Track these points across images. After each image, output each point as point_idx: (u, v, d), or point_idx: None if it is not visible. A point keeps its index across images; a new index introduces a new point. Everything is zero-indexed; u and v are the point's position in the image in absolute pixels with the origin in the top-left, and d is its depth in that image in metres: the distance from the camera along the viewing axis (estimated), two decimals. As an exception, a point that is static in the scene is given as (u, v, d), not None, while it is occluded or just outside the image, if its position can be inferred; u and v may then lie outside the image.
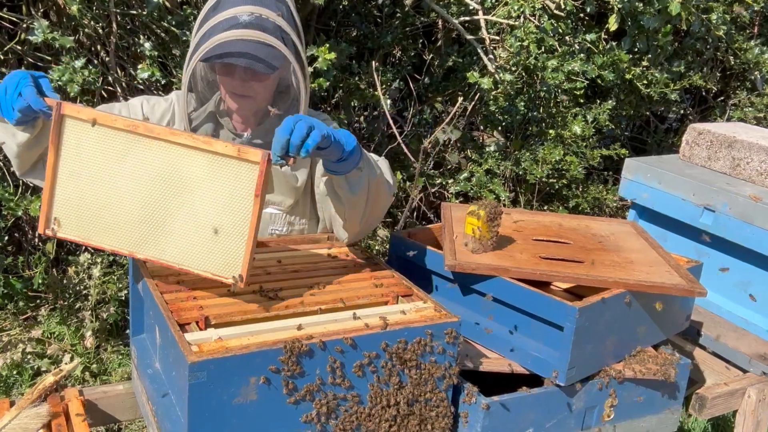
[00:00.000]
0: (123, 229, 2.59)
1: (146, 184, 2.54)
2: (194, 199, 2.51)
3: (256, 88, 3.13)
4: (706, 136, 4.27)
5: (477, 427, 2.69)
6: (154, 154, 2.51)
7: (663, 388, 3.09)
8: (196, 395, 2.20)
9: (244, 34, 2.90)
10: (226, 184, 2.46)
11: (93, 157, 2.56)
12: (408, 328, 2.49)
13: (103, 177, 2.57)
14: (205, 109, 3.28)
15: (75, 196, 2.61)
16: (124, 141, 2.52)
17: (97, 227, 2.62)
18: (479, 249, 3.03)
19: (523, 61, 5.95)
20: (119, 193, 2.56)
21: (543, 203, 7.06)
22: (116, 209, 2.58)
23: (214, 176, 2.46)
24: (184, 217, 2.53)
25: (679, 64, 7.08)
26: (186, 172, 2.49)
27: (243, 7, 2.94)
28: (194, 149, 2.47)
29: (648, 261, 3.19)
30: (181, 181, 2.50)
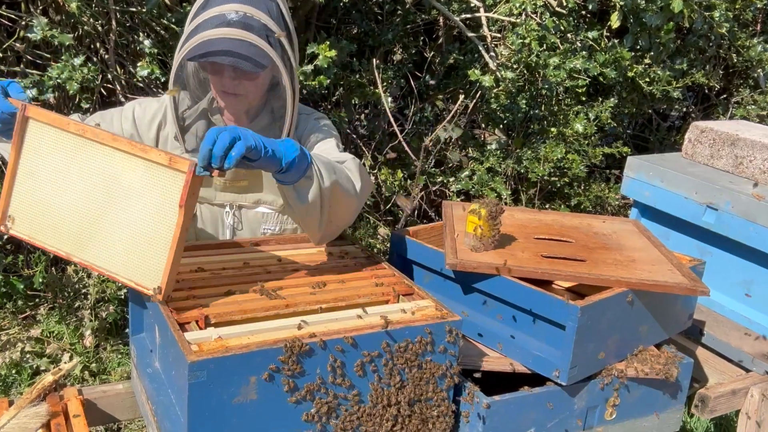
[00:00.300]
0: (65, 231, 2.61)
1: (89, 188, 2.54)
2: (129, 206, 2.49)
3: (246, 87, 3.13)
4: (708, 134, 4.27)
5: (478, 427, 2.69)
6: (98, 159, 2.51)
7: (665, 388, 3.09)
8: (195, 395, 2.20)
9: (227, 33, 2.90)
10: (157, 193, 2.43)
11: (48, 158, 2.59)
12: (409, 327, 2.50)
13: (55, 179, 2.59)
14: (198, 107, 3.28)
15: (29, 196, 2.64)
16: (75, 145, 2.53)
17: (44, 227, 2.64)
18: (480, 248, 3.03)
19: (524, 58, 5.95)
20: (66, 195, 2.58)
21: (545, 202, 7.05)
22: (62, 211, 2.60)
23: (148, 184, 2.44)
24: (118, 223, 2.52)
25: (682, 62, 7.08)
26: (124, 178, 2.48)
27: (230, 5, 2.94)
28: (133, 156, 2.45)
29: (650, 259, 3.19)
30: (119, 187, 2.49)
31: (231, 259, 2.99)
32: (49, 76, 4.75)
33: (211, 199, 3.33)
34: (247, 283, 2.78)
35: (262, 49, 2.93)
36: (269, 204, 3.35)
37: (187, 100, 3.29)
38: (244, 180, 3.29)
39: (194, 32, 2.95)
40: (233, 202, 3.34)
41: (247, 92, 3.14)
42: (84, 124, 2.52)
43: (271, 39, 2.98)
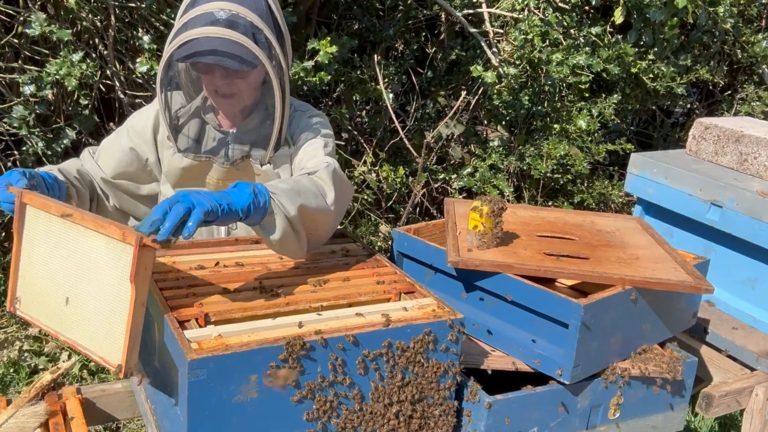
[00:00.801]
0: (54, 311, 2.62)
1: (68, 267, 2.53)
2: (96, 282, 2.45)
3: (239, 86, 3.11)
4: (713, 131, 4.26)
5: (480, 426, 2.69)
6: (73, 238, 2.51)
7: (669, 387, 3.09)
8: (195, 393, 2.19)
9: (213, 32, 2.89)
10: (115, 268, 2.38)
11: (41, 242, 2.61)
12: (411, 325, 2.49)
13: (45, 261, 2.61)
14: (191, 106, 3.28)
15: (29, 279, 2.68)
16: (58, 227, 2.54)
17: (40, 308, 2.66)
18: (483, 245, 3.03)
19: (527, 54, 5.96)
20: (53, 276, 2.59)
21: (547, 199, 7.06)
22: (50, 291, 2.61)
23: (109, 259, 2.40)
24: (88, 300, 2.49)
25: (686, 58, 7.08)
26: (92, 254, 2.46)
27: (218, 3, 2.93)
28: (96, 232, 2.44)
29: (654, 257, 3.19)
30: (89, 264, 2.47)
31: (231, 257, 2.98)
32: (47, 72, 4.75)
33: None
34: (247, 280, 2.78)
35: (249, 48, 2.93)
36: None
37: (181, 99, 3.28)
38: (235, 179, 3.28)
39: (181, 31, 2.94)
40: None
41: (240, 91, 3.13)
42: (62, 205, 2.53)
43: (259, 37, 2.97)
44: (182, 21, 2.96)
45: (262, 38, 2.97)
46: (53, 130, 5.10)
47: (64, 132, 5.09)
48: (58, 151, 5.08)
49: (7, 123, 4.91)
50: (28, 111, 4.90)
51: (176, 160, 3.24)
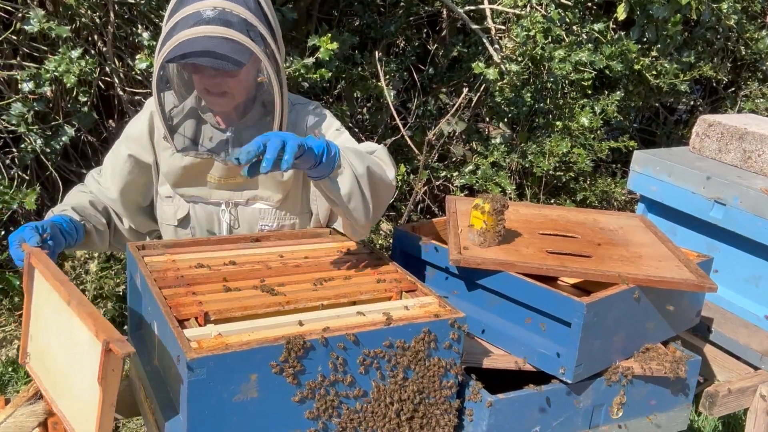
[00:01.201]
0: (53, 377, 2.64)
1: (63, 340, 2.54)
2: (80, 364, 2.44)
3: (230, 84, 3.09)
4: (716, 128, 4.26)
5: (482, 425, 2.69)
6: (66, 309, 2.52)
7: (672, 386, 3.09)
8: (195, 392, 2.19)
9: (205, 31, 2.88)
10: (92, 360, 2.31)
11: (44, 304, 2.64)
12: (412, 324, 2.49)
13: (47, 325, 2.63)
14: (185, 106, 3.27)
15: (36, 337, 2.72)
16: (57, 295, 2.55)
17: (43, 370, 2.69)
18: (485, 243, 3.03)
19: (529, 51, 5.95)
20: (53, 343, 2.61)
21: (550, 196, 7.05)
22: (50, 358, 2.63)
23: (89, 348, 2.39)
24: (76, 379, 2.49)
25: (689, 55, 7.07)
26: (78, 335, 2.43)
27: (206, 2, 2.92)
28: (80, 318, 2.42)
29: (657, 255, 3.19)
30: (75, 343, 2.45)
31: (231, 255, 2.98)
32: (46, 69, 4.75)
33: (206, 198, 3.32)
34: (247, 279, 2.78)
35: (241, 44, 2.91)
36: (266, 200, 3.34)
37: (173, 99, 3.28)
38: (238, 177, 3.28)
39: (171, 33, 2.93)
40: (229, 200, 3.33)
41: (231, 89, 3.11)
42: (55, 278, 2.53)
43: (252, 33, 2.95)
44: (172, 22, 2.95)
45: (255, 33, 2.96)
46: (52, 128, 5.10)
47: (62, 129, 5.09)
48: (56, 148, 5.08)
49: (5, 120, 4.90)
50: (27, 108, 4.90)
51: (176, 159, 3.23)
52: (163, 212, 3.39)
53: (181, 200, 3.33)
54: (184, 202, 3.34)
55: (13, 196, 4.84)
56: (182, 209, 3.34)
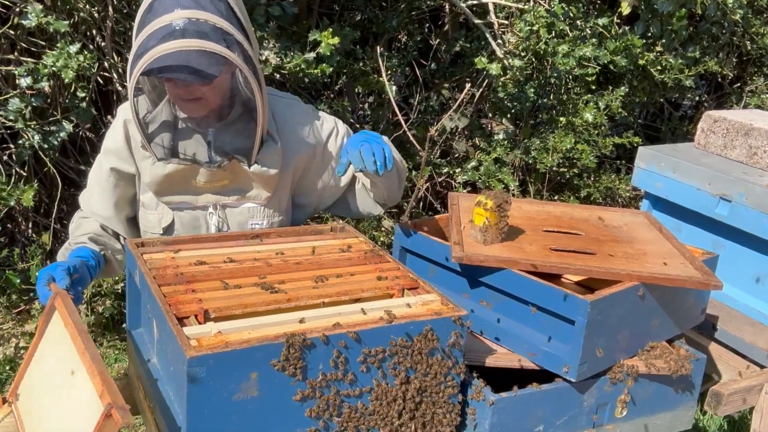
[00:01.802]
0: (32, 420, 2.63)
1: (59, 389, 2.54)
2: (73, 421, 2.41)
3: (203, 91, 3.07)
4: (721, 124, 4.26)
5: (485, 424, 2.69)
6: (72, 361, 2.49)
7: (677, 384, 3.09)
8: (195, 391, 2.19)
9: (180, 45, 2.85)
10: (89, 417, 2.27)
11: (54, 350, 2.63)
12: (414, 322, 2.49)
13: (48, 371, 2.62)
14: (159, 110, 3.25)
15: (31, 379, 2.72)
16: (69, 344, 2.53)
17: (28, 413, 2.67)
18: (487, 240, 3.03)
19: (532, 46, 5.94)
20: (46, 389, 2.61)
21: (553, 193, 7.05)
22: (37, 402, 2.63)
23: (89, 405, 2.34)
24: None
25: (694, 50, 7.07)
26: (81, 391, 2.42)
27: (177, 12, 2.89)
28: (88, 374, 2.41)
29: (662, 253, 3.18)
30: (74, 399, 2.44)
31: (231, 252, 2.98)
32: (44, 64, 4.75)
33: (192, 203, 3.31)
34: (247, 276, 2.78)
35: (217, 55, 2.90)
36: (254, 199, 3.34)
37: (146, 105, 3.26)
38: (224, 179, 3.28)
39: (145, 45, 2.90)
40: (216, 203, 3.33)
41: (204, 95, 3.09)
42: (79, 326, 2.52)
43: (227, 40, 2.93)
44: (144, 33, 2.92)
45: (230, 40, 2.94)
46: (50, 123, 5.10)
47: (61, 125, 5.09)
48: (54, 144, 5.08)
49: (3, 116, 4.90)
50: (25, 103, 4.90)
51: (158, 168, 3.20)
52: (147, 221, 3.37)
53: (165, 208, 3.33)
54: (169, 209, 3.33)
55: (10, 193, 4.85)
56: (167, 217, 3.32)
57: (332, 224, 3.35)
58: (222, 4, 2.97)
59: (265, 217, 3.38)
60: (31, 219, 5.84)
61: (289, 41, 5.40)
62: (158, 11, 2.92)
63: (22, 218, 5.82)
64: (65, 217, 5.94)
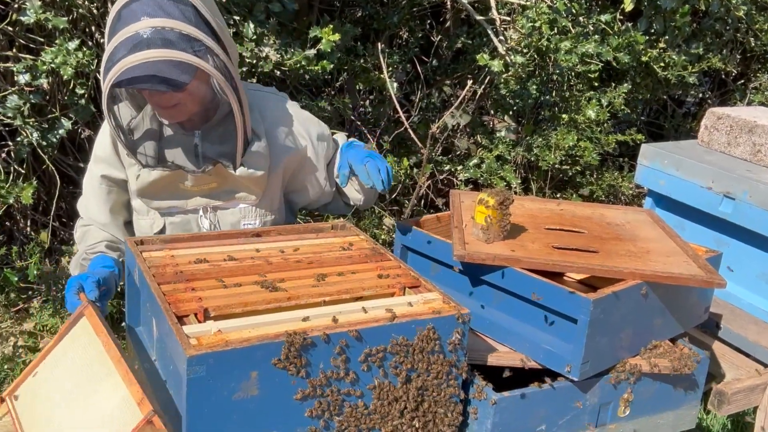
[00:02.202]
0: (35, 421, 2.63)
1: (75, 393, 2.56)
2: (90, 426, 2.46)
3: (179, 97, 3.07)
4: (725, 121, 4.26)
5: (487, 423, 2.69)
6: (98, 370, 2.53)
7: (680, 384, 3.09)
8: (194, 390, 2.19)
9: (146, 56, 2.84)
10: (117, 422, 2.34)
11: (72, 355, 2.64)
12: (415, 321, 2.49)
13: (63, 376, 2.63)
14: (144, 116, 3.26)
15: (37, 382, 2.70)
16: (94, 352, 2.57)
17: (29, 412, 2.67)
18: (489, 238, 3.03)
19: (535, 42, 5.93)
20: (59, 396, 2.60)
21: (556, 191, 7.05)
22: (46, 404, 2.62)
23: (117, 411, 2.36)
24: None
25: (698, 46, 7.07)
26: (105, 394, 2.44)
27: (144, 21, 2.88)
28: (121, 380, 2.43)
29: (665, 251, 3.18)
30: (96, 404, 2.46)
31: (231, 250, 2.98)
32: (42, 60, 4.75)
33: (182, 207, 3.32)
34: (247, 274, 2.78)
35: (184, 63, 2.89)
36: (244, 199, 3.35)
37: (130, 111, 3.27)
38: (212, 182, 3.29)
39: (112, 58, 2.90)
40: (206, 205, 3.34)
41: (181, 101, 3.09)
42: (109, 337, 2.56)
43: (195, 46, 2.92)
44: (112, 45, 2.92)
45: (199, 45, 2.93)
46: (48, 120, 5.10)
47: (59, 122, 5.09)
48: (53, 142, 5.08)
49: (1, 113, 4.90)
50: (23, 100, 4.90)
51: (144, 174, 3.22)
52: (139, 226, 3.38)
53: (155, 213, 3.34)
54: (159, 215, 3.34)
55: (9, 191, 4.84)
56: (158, 222, 3.34)
57: (333, 222, 3.35)
58: (189, 9, 2.95)
59: (257, 216, 3.39)
60: (30, 217, 5.84)
61: (289, 38, 5.40)
62: (126, 20, 2.91)
63: (21, 216, 5.82)
64: (64, 215, 5.95)
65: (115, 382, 2.41)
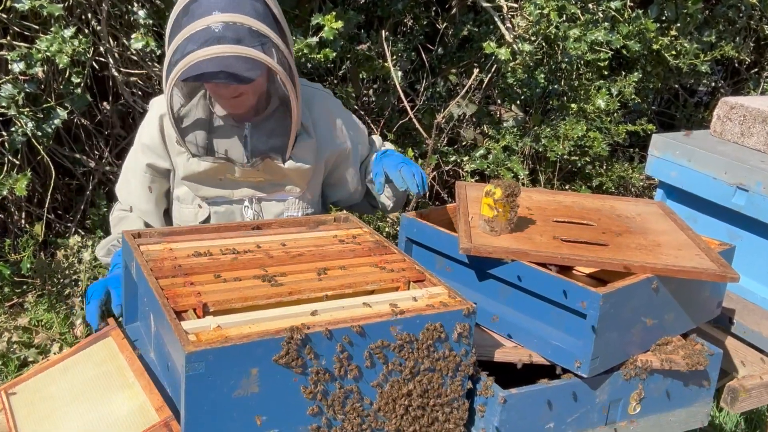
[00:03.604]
0: (33, 419, 2.66)
1: (86, 404, 2.61)
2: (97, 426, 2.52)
3: (243, 89, 3.17)
4: (738, 111, 4.25)
5: (494, 421, 2.68)
6: (117, 381, 2.62)
7: (693, 380, 3.09)
8: (193, 387, 2.19)
9: (218, 51, 2.94)
10: (130, 425, 2.44)
11: (89, 367, 2.70)
12: (420, 316, 2.49)
13: (74, 385, 2.68)
14: (194, 105, 3.31)
15: (42, 383, 2.74)
16: (114, 367, 2.66)
17: (25, 409, 2.69)
18: (496, 231, 3.02)
19: (543, 30, 5.92)
20: (66, 399, 2.64)
21: (564, 182, 7.05)
22: (49, 408, 2.64)
23: (132, 415, 2.47)
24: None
25: (710, 34, 7.05)
26: (119, 402, 2.54)
27: (216, 16, 2.97)
28: (141, 389, 2.53)
29: (677, 244, 3.18)
30: (110, 410, 2.53)
31: (231, 243, 2.98)
32: (37, 48, 4.74)
33: (228, 197, 3.39)
34: (248, 268, 2.78)
35: (253, 59, 2.98)
36: (289, 192, 3.42)
37: (180, 99, 3.33)
38: (259, 176, 3.35)
39: (180, 51, 3.00)
40: (252, 196, 3.41)
41: (245, 92, 3.20)
42: (136, 352, 2.69)
43: (264, 44, 3.02)
44: (180, 38, 3.00)
45: (268, 43, 3.03)
46: (44, 110, 5.09)
47: (55, 112, 5.09)
48: (48, 132, 5.07)
49: (-6, 102, 4.90)
50: (17, 90, 4.89)
51: (193, 164, 3.32)
52: (181, 215, 3.45)
53: (201, 202, 3.40)
54: (206, 204, 3.40)
55: (3, 182, 4.84)
56: (203, 211, 3.41)
57: (335, 214, 3.35)
58: (259, 4, 3.06)
59: (299, 208, 3.49)
60: (24, 209, 5.84)
61: (290, 25, 5.39)
62: (195, 14, 3.01)
63: (15, 208, 5.82)
64: (59, 207, 5.96)
65: (133, 392, 2.49)
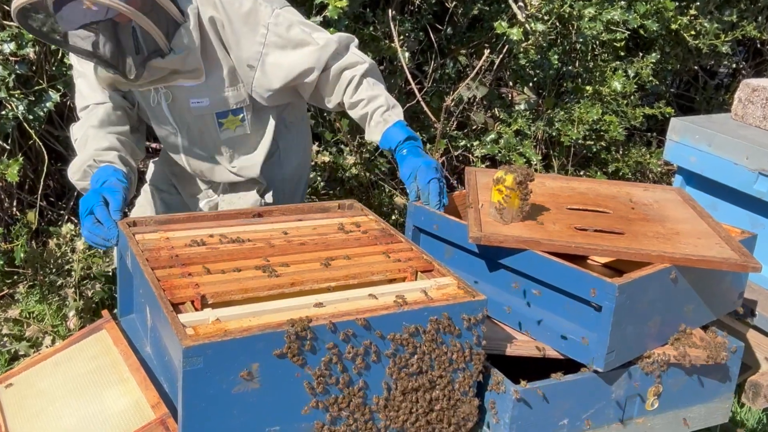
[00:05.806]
0: (22, 415, 2.68)
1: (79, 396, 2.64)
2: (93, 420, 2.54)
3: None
4: (761, 93, 4.24)
5: (506, 418, 2.68)
6: (110, 375, 2.67)
7: (713, 375, 3.08)
8: (191, 383, 2.19)
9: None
10: (125, 420, 2.48)
11: (83, 361, 2.78)
12: (428, 308, 2.49)
13: (68, 378, 2.73)
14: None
15: (37, 377, 2.78)
16: (109, 360, 2.72)
17: (17, 407, 2.71)
18: (507, 219, 3.02)
19: (556, 9, 5.91)
20: (59, 393, 2.67)
21: (579, 168, 7.04)
22: (41, 403, 2.67)
23: (127, 411, 2.50)
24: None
25: (731, 13, 7.03)
26: (114, 397, 2.57)
27: None
28: (137, 385, 2.57)
29: (696, 232, 3.17)
30: (102, 403, 2.57)
31: (230, 232, 2.98)
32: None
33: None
34: (248, 258, 2.78)
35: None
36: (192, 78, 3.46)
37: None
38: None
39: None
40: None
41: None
42: (129, 348, 2.72)
43: None
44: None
45: None
46: (35, 92, 5.09)
47: (47, 94, 5.08)
48: (40, 115, 5.07)
49: (-16, 85, 4.91)
50: (8, 71, 4.89)
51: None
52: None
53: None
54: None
55: (-8, 168, 4.84)
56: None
57: (340, 201, 3.35)
58: None
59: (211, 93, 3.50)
60: (16, 196, 5.84)
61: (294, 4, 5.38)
62: None
63: (6, 195, 5.82)
64: (52, 194, 5.95)
65: (128, 388, 2.50)
